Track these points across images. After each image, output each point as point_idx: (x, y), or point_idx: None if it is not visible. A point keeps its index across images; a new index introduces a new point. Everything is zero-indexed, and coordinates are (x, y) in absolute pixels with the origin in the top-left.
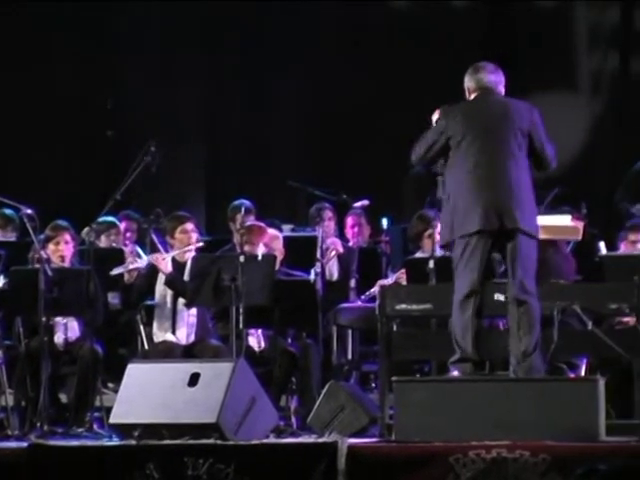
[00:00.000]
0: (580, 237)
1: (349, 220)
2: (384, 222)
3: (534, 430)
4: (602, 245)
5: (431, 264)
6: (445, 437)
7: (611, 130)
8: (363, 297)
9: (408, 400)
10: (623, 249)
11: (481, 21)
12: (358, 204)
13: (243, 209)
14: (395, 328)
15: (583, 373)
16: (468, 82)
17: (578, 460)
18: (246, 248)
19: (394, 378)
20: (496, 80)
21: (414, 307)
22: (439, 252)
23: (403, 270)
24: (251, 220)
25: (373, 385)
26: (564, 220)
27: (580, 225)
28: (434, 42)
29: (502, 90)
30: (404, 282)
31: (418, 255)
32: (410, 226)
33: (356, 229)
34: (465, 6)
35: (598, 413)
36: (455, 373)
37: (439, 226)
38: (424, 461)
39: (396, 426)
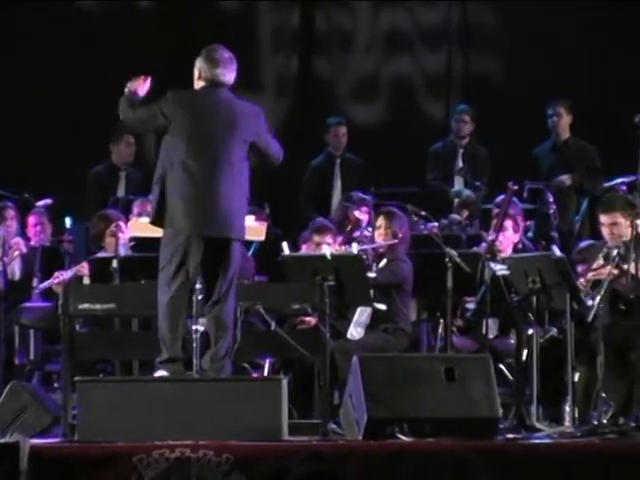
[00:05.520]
0: (263, 237)
1: (31, 219)
2: (67, 221)
3: (218, 430)
4: (285, 245)
5: (115, 263)
6: (130, 437)
7: (296, 131)
8: (40, 286)
9: (91, 400)
10: (305, 250)
11: (166, 22)
12: (41, 203)
13: None
14: (78, 328)
15: (266, 373)
16: (202, 69)
17: (261, 459)
18: None
19: (77, 378)
20: (230, 72)
21: (97, 306)
22: (123, 252)
23: (84, 263)
24: None
25: (56, 385)
26: (247, 221)
27: (263, 225)
28: (121, 42)
29: (232, 80)
30: (85, 275)
31: (102, 254)
32: (91, 226)
33: (38, 228)
34: (150, 6)
35: (281, 413)
36: (162, 372)
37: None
38: (108, 461)
39: (79, 426)
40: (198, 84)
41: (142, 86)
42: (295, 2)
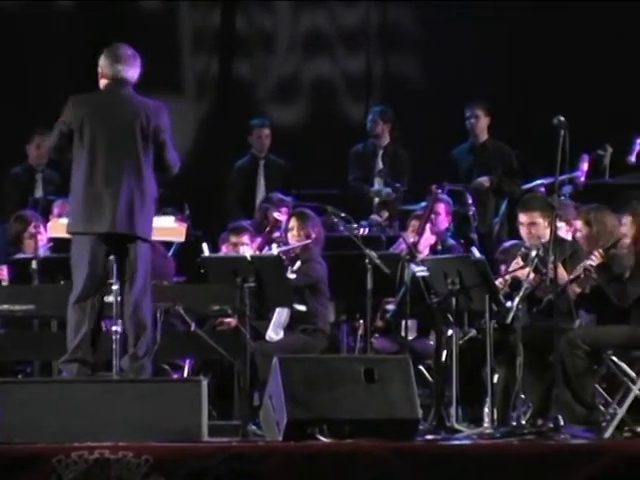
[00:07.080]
0: (183, 238)
1: None
2: None
3: (138, 431)
4: (205, 246)
5: (34, 264)
6: (49, 439)
7: (216, 132)
8: None
9: (10, 401)
10: (225, 251)
11: (86, 22)
12: None
13: None
14: None
15: (186, 374)
16: (103, 65)
17: (181, 461)
18: None
19: None
20: (132, 69)
21: (16, 307)
22: (42, 252)
23: (3, 267)
24: None
25: None
26: (167, 221)
27: (183, 226)
28: (40, 42)
29: (136, 77)
30: (4, 279)
31: (21, 255)
32: (8, 227)
33: None
34: (71, 6)
35: (201, 414)
36: (65, 374)
37: None
38: (26, 462)
39: None
40: (102, 82)
41: None
42: (216, 2)
